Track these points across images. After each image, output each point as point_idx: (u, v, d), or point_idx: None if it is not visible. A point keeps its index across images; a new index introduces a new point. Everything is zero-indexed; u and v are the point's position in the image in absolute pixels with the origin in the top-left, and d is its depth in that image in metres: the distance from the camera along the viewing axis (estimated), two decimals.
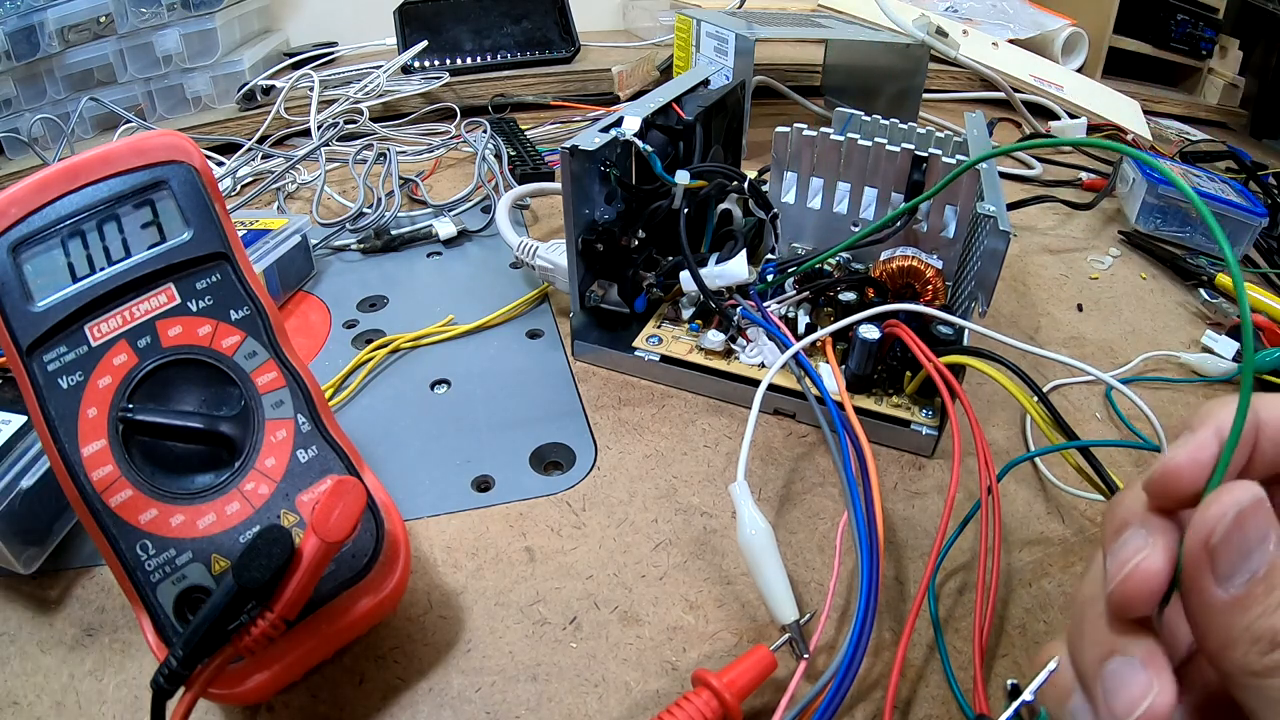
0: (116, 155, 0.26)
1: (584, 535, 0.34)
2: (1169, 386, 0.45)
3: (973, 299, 0.37)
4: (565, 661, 0.28)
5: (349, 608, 0.26)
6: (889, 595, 0.31)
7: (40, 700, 0.27)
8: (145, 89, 0.75)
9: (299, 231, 0.50)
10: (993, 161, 0.41)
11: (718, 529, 0.34)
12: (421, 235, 0.56)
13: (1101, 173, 0.73)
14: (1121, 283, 0.56)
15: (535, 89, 0.85)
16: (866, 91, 0.79)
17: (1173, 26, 0.99)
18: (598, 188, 0.41)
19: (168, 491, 0.25)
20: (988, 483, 0.31)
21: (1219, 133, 0.94)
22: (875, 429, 0.38)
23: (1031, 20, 0.96)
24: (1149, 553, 0.17)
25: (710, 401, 0.42)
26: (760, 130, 0.66)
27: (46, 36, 0.67)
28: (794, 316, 0.42)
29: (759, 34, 0.65)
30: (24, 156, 0.68)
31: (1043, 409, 0.35)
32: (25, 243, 0.25)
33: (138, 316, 0.26)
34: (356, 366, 0.43)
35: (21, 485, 0.30)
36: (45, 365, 0.24)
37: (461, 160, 0.72)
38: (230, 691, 0.24)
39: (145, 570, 0.24)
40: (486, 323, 0.47)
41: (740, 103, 0.54)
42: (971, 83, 0.91)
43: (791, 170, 0.46)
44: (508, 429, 0.39)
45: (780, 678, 0.27)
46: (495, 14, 0.88)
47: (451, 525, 0.34)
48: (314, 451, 0.27)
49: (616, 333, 0.44)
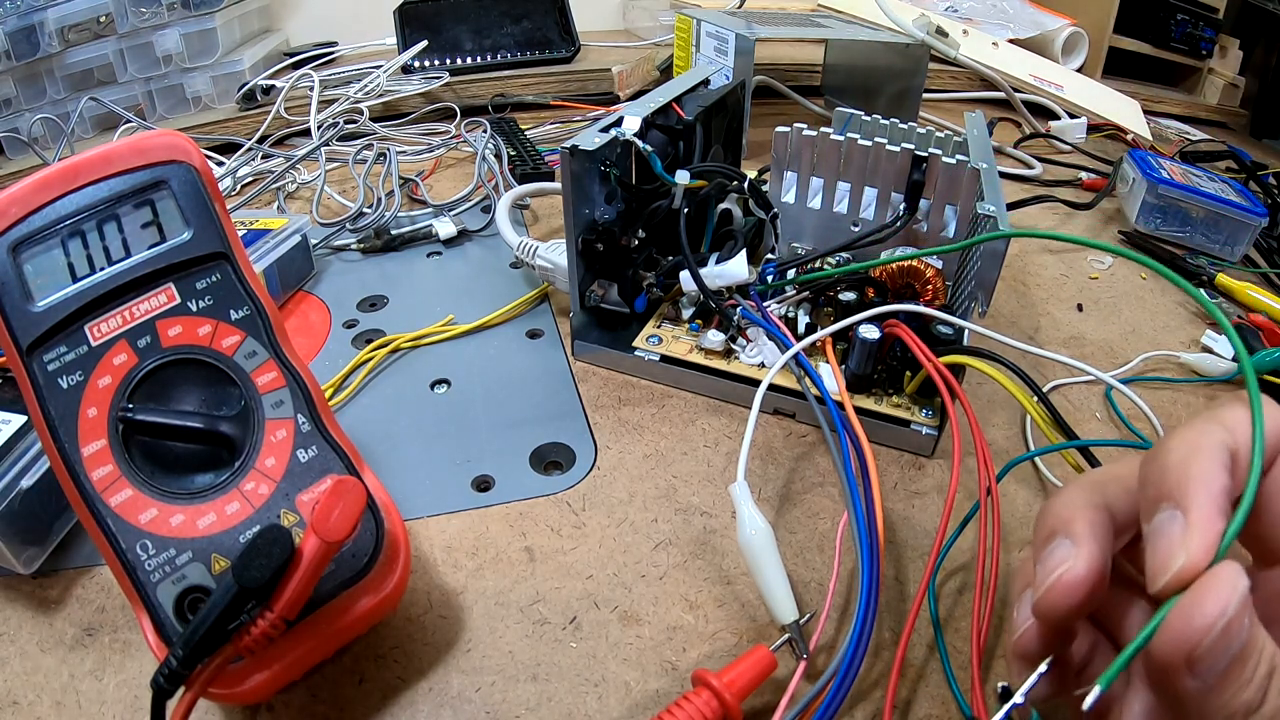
0: (116, 155, 0.26)
1: (584, 535, 0.34)
2: (1169, 386, 0.45)
3: (973, 299, 0.37)
4: (565, 661, 0.28)
5: (349, 607, 0.26)
6: (889, 595, 0.31)
7: (40, 700, 0.27)
8: (145, 89, 0.75)
9: (299, 231, 0.50)
10: (993, 161, 0.41)
11: (718, 529, 0.34)
12: (421, 235, 0.56)
13: (1101, 173, 0.73)
14: (1121, 283, 0.56)
15: (535, 89, 0.85)
16: (866, 91, 0.79)
17: (1173, 26, 0.99)
18: (598, 188, 0.41)
19: (168, 491, 0.25)
20: (987, 484, 0.31)
21: (1219, 133, 0.94)
22: (875, 429, 0.38)
23: (1031, 20, 0.96)
24: (1072, 564, 0.18)
25: (710, 401, 0.42)
26: (760, 130, 0.66)
27: (46, 36, 0.67)
28: (794, 316, 0.42)
29: (759, 34, 0.65)
30: (24, 156, 0.68)
31: (1043, 409, 0.35)
32: (25, 242, 0.25)
33: (138, 316, 0.26)
34: (356, 366, 0.43)
35: (21, 485, 0.30)
36: (45, 365, 0.24)
37: (461, 160, 0.72)
38: (230, 691, 0.24)
39: (145, 570, 0.24)
40: (486, 323, 0.47)
41: (740, 103, 0.54)
42: (971, 83, 0.91)
43: (791, 170, 0.46)
44: (508, 429, 0.39)
45: (780, 678, 0.27)
46: (495, 14, 0.88)
47: (451, 525, 0.34)
48: (314, 451, 0.27)
49: (616, 333, 0.44)
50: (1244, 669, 0.15)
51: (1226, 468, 0.17)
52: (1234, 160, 0.79)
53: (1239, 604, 0.15)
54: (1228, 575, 0.16)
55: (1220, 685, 0.15)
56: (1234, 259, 0.59)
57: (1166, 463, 0.18)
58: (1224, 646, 0.15)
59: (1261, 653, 0.16)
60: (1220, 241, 0.60)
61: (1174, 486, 0.17)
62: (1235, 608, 0.15)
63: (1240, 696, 0.15)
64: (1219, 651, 0.15)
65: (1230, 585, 0.15)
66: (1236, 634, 0.15)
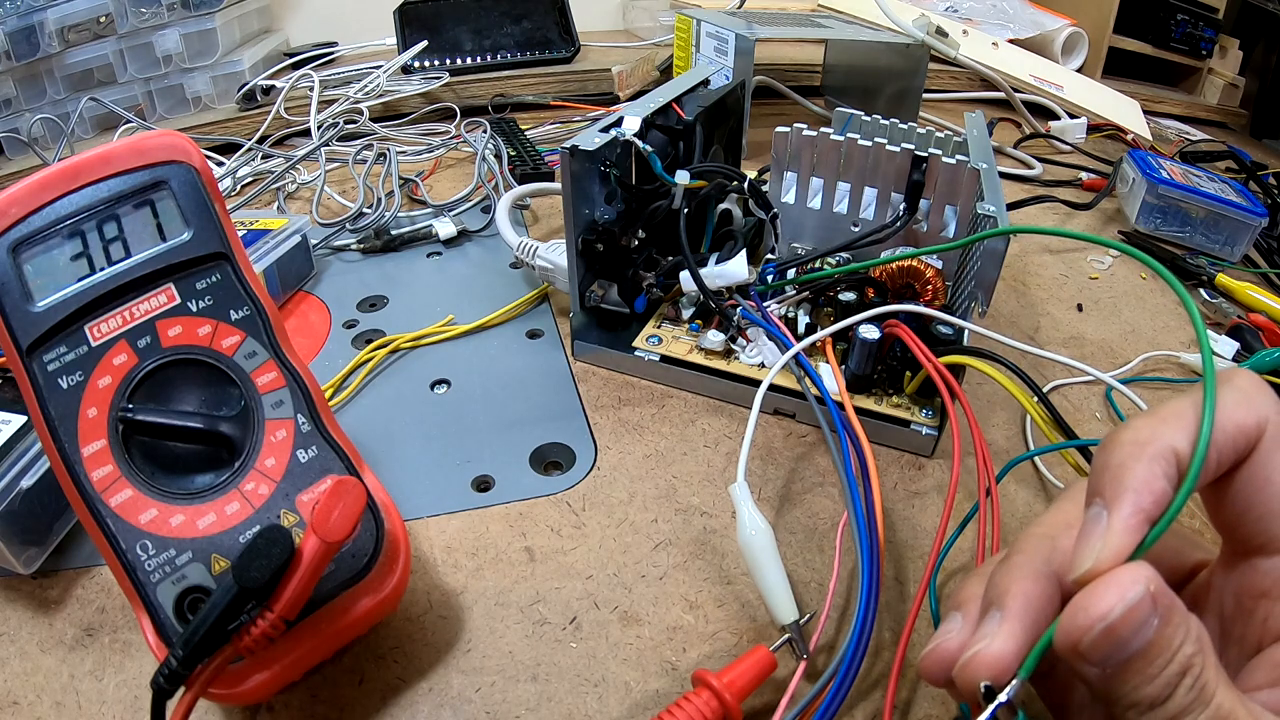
0: (116, 155, 0.26)
1: (584, 535, 0.34)
2: (1169, 386, 0.45)
3: (973, 299, 0.37)
4: (565, 661, 0.28)
5: (349, 608, 0.26)
6: (889, 595, 0.31)
7: (40, 700, 0.27)
8: (145, 89, 0.75)
9: (299, 231, 0.50)
10: (993, 161, 0.41)
11: (718, 529, 0.34)
12: (421, 235, 0.56)
13: (1101, 173, 0.73)
14: (1121, 283, 0.56)
15: (535, 89, 0.85)
16: (866, 91, 0.79)
17: (1173, 26, 0.99)
18: (598, 188, 0.41)
19: (168, 491, 0.25)
20: (986, 485, 0.31)
21: (1219, 133, 0.94)
22: (875, 429, 0.38)
23: (1031, 20, 0.96)
24: (944, 642, 0.20)
25: (710, 401, 0.42)
26: (760, 130, 0.66)
27: (46, 36, 0.67)
28: (794, 316, 0.42)
29: (759, 34, 0.65)
30: (24, 156, 0.68)
31: (1042, 409, 0.35)
32: (25, 243, 0.25)
33: (138, 316, 0.26)
34: (356, 366, 0.43)
35: (21, 485, 0.30)
36: (45, 365, 0.24)
37: (461, 160, 0.72)
38: (230, 691, 0.24)
39: (145, 570, 0.24)
40: (486, 323, 0.47)
41: (740, 103, 0.54)
42: (971, 83, 0.91)
43: (791, 170, 0.46)
44: (508, 429, 0.39)
45: (780, 678, 0.27)
46: (495, 14, 0.88)
47: (451, 525, 0.34)
48: (314, 451, 0.27)
49: (616, 333, 0.44)
50: (1148, 664, 0.16)
51: (1166, 474, 0.18)
52: (1234, 160, 0.79)
53: (1131, 604, 0.16)
54: (1126, 577, 0.17)
55: (1121, 675, 0.17)
56: (1234, 259, 0.59)
57: (1107, 461, 0.19)
58: (1113, 641, 0.16)
59: (1175, 653, 0.16)
60: (1220, 241, 0.60)
61: (1106, 487, 0.18)
62: (1124, 609, 0.16)
63: (1143, 690, 0.16)
64: (1109, 645, 0.16)
65: (1121, 589, 0.16)
66: (1131, 631, 0.16)
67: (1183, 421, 0.18)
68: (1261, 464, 0.18)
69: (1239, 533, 0.19)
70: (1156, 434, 0.18)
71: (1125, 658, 0.16)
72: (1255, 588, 0.19)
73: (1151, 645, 0.16)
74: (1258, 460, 0.18)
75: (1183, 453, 0.18)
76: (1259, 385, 0.19)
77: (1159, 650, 0.16)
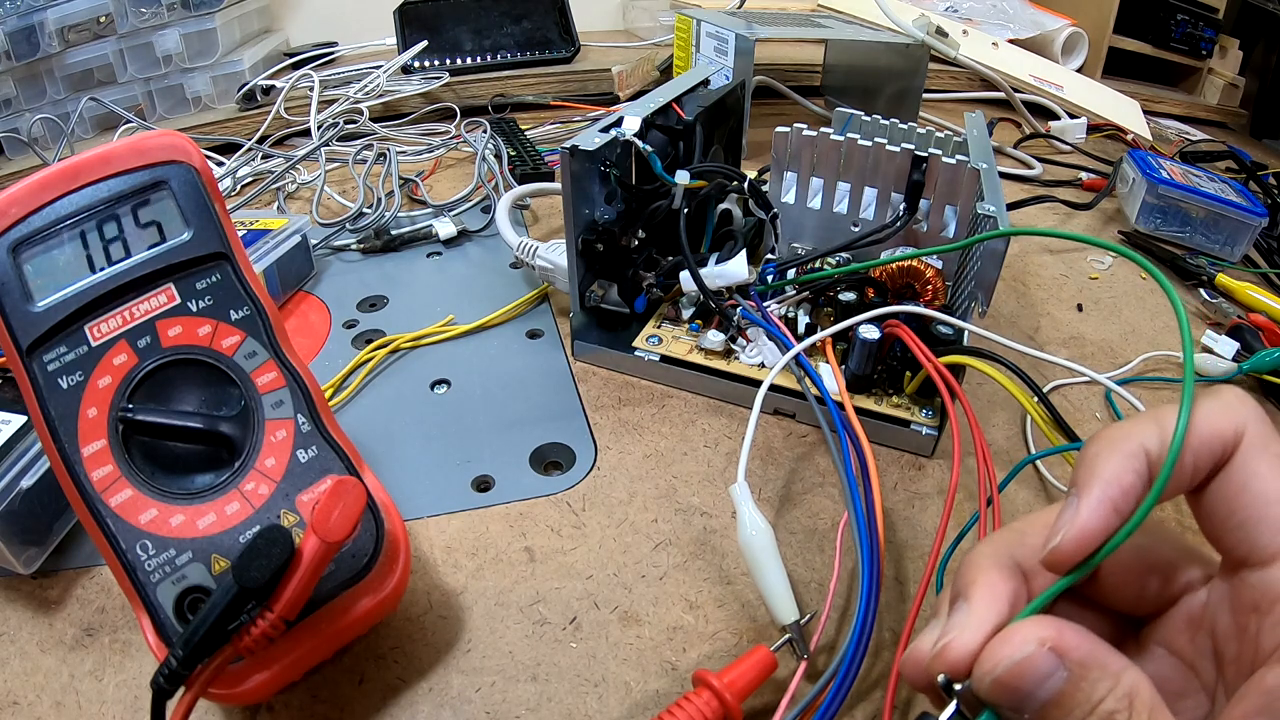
0: (116, 155, 0.26)
1: (584, 535, 0.34)
2: (1169, 386, 0.45)
3: (973, 299, 0.37)
4: (565, 661, 0.28)
5: (349, 608, 0.26)
6: (889, 595, 0.31)
7: (40, 700, 0.27)
8: (145, 89, 0.75)
9: (299, 231, 0.50)
10: (993, 161, 0.41)
11: (718, 529, 0.34)
12: (421, 235, 0.56)
13: (1101, 173, 0.73)
14: (1121, 283, 0.56)
15: (535, 89, 0.85)
16: (866, 91, 0.79)
17: (1173, 26, 0.99)
18: (598, 188, 0.41)
19: (168, 491, 0.25)
20: (988, 494, 0.31)
21: (1219, 133, 0.94)
22: (875, 429, 0.38)
23: (1031, 20, 0.96)
24: (919, 643, 0.20)
25: (710, 401, 0.42)
26: (760, 130, 0.66)
27: (46, 36, 0.67)
28: (794, 317, 0.42)
29: (759, 34, 0.65)
30: (24, 156, 0.68)
31: (1043, 409, 0.35)
32: (25, 243, 0.25)
33: (138, 316, 0.26)
34: (356, 366, 0.43)
35: (21, 485, 0.30)
36: (45, 365, 0.24)
37: (461, 160, 0.72)
38: (230, 691, 0.24)
39: (145, 570, 0.24)
40: (486, 323, 0.47)
41: (740, 103, 0.54)
42: (971, 83, 0.91)
43: (791, 170, 0.46)
44: (508, 429, 0.39)
45: (780, 678, 0.27)
46: (495, 14, 0.88)
47: (451, 525, 0.34)
48: (314, 451, 0.27)
49: (616, 333, 0.44)
50: (1064, 714, 0.17)
51: (1137, 470, 0.18)
52: (1234, 160, 0.79)
53: (1017, 661, 0.17)
54: (1018, 636, 0.17)
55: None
56: (1234, 259, 0.59)
57: (1083, 457, 0.19)
58: (1008, 691, 0.17)
59: (1095, 706, 0.17)
60: (1220, 241, 0.60)
61: (1079, 478, 0.19)
62: (1009, 665, 0.17)
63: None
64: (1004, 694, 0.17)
65: (1012, 647, 0.17)
66: (1030, 683, 0.17)
67: (1159, 424, 0.19)
68: (1239, 470, 0.18)
69: (1224, 543, 0.19)
70: (1132, 433, 0.19)
71: (1036, 706, 0.17)
72: (1246, 601, 0.19)
73: (1064, 695, 0.16)
74: (1235, 466, 0.18)
75: (1154, 452, 0.18)
76: (1242, 396, 0.19)
77: (1073, 701, 0.16)
